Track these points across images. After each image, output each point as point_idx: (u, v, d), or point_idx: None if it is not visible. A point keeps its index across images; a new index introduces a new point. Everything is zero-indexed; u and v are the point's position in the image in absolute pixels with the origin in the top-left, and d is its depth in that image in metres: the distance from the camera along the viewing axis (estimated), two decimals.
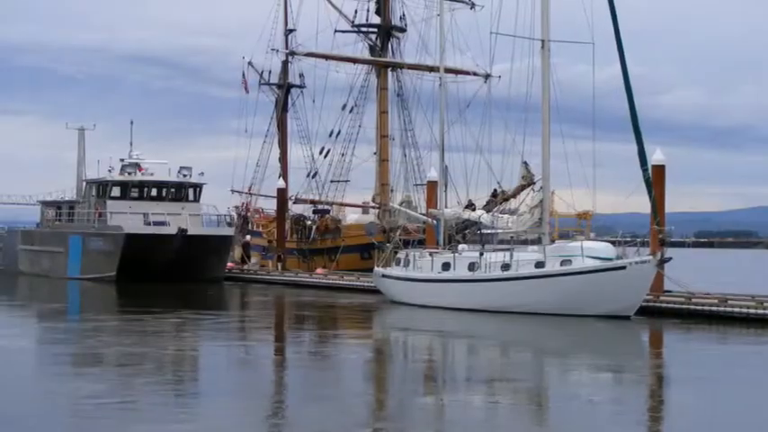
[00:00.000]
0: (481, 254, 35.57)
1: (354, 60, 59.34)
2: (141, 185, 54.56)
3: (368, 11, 59.48)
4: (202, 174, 55.79)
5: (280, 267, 54.53)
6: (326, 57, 58.39)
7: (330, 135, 61.14)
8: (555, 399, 18.44)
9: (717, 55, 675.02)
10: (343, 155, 60.53)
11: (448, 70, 46.05)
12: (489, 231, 39.10)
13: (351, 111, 59.96)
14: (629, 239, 34.43)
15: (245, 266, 57.25)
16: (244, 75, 67.00)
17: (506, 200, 38.17)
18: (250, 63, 66.87)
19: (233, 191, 69.28)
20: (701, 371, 21.94)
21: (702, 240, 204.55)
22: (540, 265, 33.55)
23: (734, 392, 19.33)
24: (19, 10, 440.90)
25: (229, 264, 55.40)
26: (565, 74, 54.44)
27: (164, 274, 48.75)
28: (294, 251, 58.19)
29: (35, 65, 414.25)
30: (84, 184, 58.64)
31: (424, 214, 48.72)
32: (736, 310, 31.09)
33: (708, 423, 16.43)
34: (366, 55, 59.88)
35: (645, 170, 32.53)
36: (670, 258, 32.28)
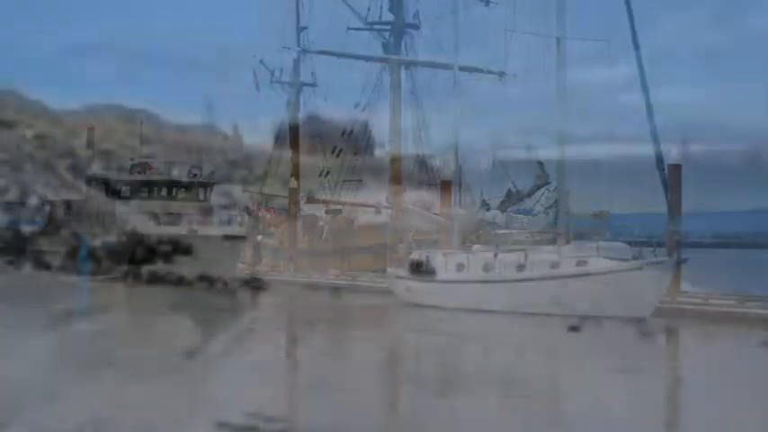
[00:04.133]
0: (496, 254, 35.29)
1: (367, 58, 59.06)
2: (151, 184, 54.37)
3: (381, 8, 59.23)
4: (213, 173, 55.62)
5: (291, 268, 54.27)
6: (339, 55, 58.10)
7: (342, 134, 60.92)
8: (569, 401, 18.17)
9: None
10: (355, 154, 60.30)
11: (462, 68, 45.72)
12: (504, 232, 38.77)
13: (363, 109, 59.78)
14: (645, 240, 34.04)
15: (257, 267, 57.02)
16: (255, 73, 66.91)
17: (521, 200, 37.87)
18: (261, 61, 66.74)
19: (244, 190, 69.13)
20: (718, 373, 21.68)
21: (720, 240, 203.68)
22: (555, 265, 33.24)
23: (750, 394, 19.13)
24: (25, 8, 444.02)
25: (240, 264, 55.14)
26: (580, 71, 53.98)
27: (173, 275, 48.55)
28: (306, 252, 57.92)
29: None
30: (93, 182, 58.43)
31: (437, 214, 48.40)
32: (754, 311, 30.73)
33: (723, 426, 16.20)
34: (379, 53, 59.59)
35: (661, 170, 32.28)
36: (687, 259, 31.96)
